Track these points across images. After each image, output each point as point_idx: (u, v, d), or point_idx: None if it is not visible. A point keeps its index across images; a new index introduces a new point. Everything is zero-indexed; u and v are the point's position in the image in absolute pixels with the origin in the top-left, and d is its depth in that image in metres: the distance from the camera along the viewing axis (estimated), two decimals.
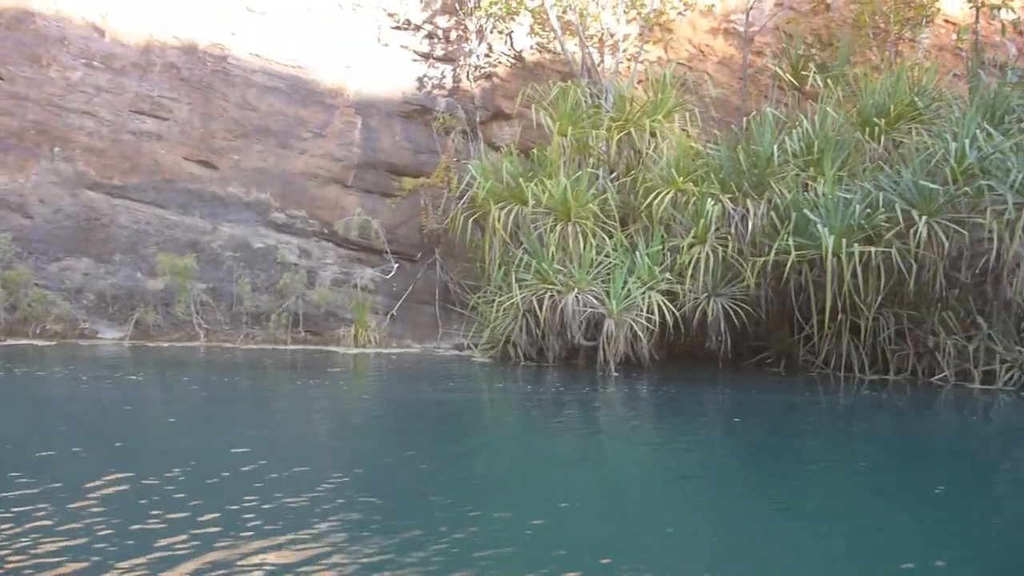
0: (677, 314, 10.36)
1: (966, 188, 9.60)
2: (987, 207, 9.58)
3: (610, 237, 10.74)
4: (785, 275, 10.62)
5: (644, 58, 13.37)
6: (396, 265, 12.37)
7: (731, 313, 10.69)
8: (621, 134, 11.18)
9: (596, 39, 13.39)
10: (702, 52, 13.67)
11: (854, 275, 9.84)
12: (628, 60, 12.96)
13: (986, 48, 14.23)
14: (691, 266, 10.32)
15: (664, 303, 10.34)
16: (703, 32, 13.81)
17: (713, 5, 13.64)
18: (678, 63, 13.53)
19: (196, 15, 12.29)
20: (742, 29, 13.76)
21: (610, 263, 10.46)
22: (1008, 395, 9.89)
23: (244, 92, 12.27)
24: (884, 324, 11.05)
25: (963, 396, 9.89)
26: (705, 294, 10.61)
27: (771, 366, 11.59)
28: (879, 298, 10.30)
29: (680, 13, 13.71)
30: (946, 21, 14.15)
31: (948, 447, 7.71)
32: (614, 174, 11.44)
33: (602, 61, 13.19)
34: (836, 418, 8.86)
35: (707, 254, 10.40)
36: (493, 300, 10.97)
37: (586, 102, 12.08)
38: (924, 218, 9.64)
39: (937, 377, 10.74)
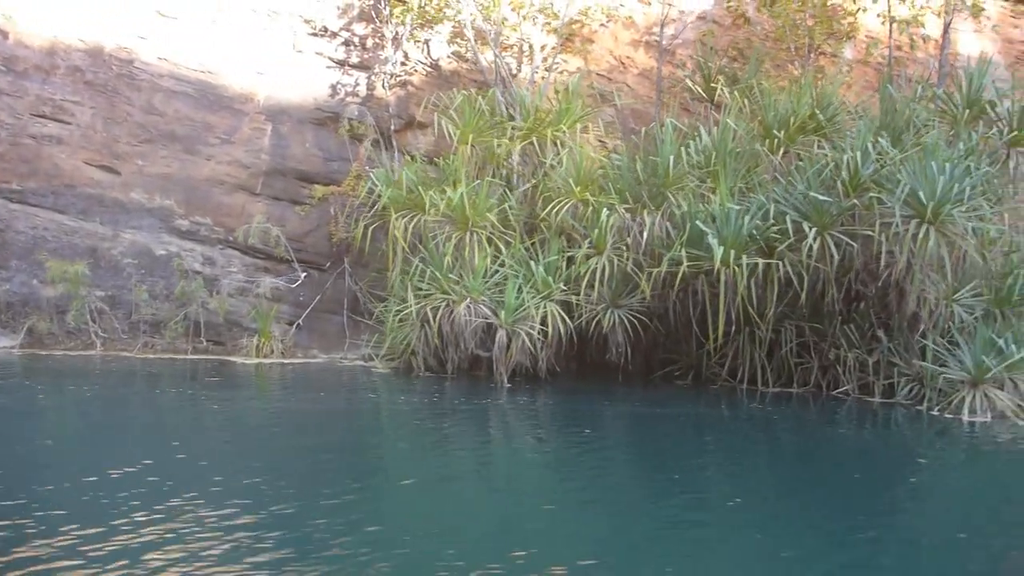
0: (571, 325, 10.24)
1: (854, 200, 9.54)
2: (876, 220, 9.53)
3: (508, 247, 10.60)
4: (686, 287, 10.53)
5: (563, 68, 13.31)
6: (304, 274, 12.17)
7: (631, 325, 10.58)
8: (523, 143, 11.07)
9: (517, 49, 13.33)
10: (623, 64, 13.62)
11: (751, 287, 9.76)
12: (545, 70, 12.87)
13: (908, 64, 14.29)
14: (586, 276, 10.20)
15: (559, 313, 10.21)
16: (624, 44, 13.76)
17: (630, 17, 13.60)
18: (598, 74, 13.49)
19: (104, 18, 12.10)
20: (664, 42, 13.73)
21: (506, 273, 10.33)
22: (905, 408, 9.79)
23: (150, 96, 12.08)
24: (788, 337, 10.98)
25: (858, 409, 9.80)
26: (603, 305, 10.48)
27: (679, 379, 11.48)
28: (774, 310, 10.22)
29: (603, 24, 13.67)
30: (868, 36, 14.18)
31: (804, 458, 7.59)
32: (517, 184, 11.32)
33: (519, 71, 13.11)
34: (704, 430, 8.72)
35: (604, 265, 10.28)
36: (394, 310, 10.81)
37: (500, 111, 12.00)
38: (814, 230, 9.57)
39: (839, 390, 10.67)
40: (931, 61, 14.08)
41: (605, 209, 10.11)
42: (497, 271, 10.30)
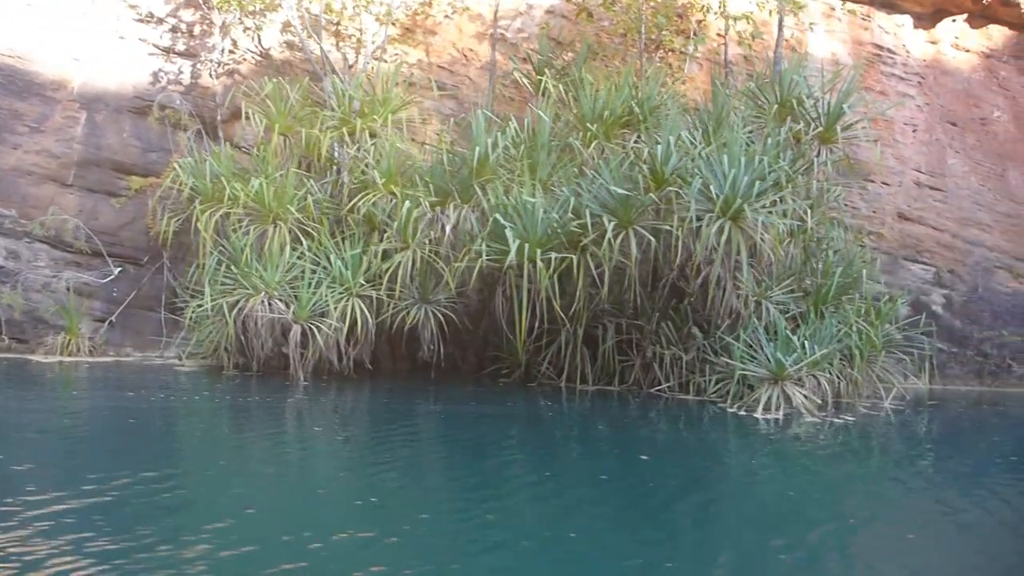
0: (372, 321, 9.92)
1: (652, 195, 9.40)
2: (675, 213, 9.41)
3: (311, 240, 10.23)
4: (494, 283, 10.31)
5: (402, 60, 12.99)
6: (119, 269, 11.63)
7: (449, 322, 10.32)
8: (333, 134, 10.71)
9: (355, 39, 12.97)
10: (465, 57, 13.36)
11: (555, 283, 9.56)
12: (377, 61, 12.53)
13: (759, 62, 14.30)
14: (389, 271, 9.89)
15: (362, 309, 9.88)
16: (469, 37, 13.50)
17: (467, 8, 13.35)
18: (439, 66, 13.21)
19: None
20: (509, 35, 13.52)
21: (304, 267, 9.96)
22: (714, 406, 9.68)
23: None
24: (610, 334, 10.82)
25: (667, 407, 9.68)
26: (409, 300, 10.19)
27: (506, 377, 11.26)
28: (586, 308, 10.06)
29: (447, 16, 13.41)
30: (718, 35, 14.16)
31: (586, 454, 7.38)
32: (333, 176, 10.96)
33: (356, 61, 12.76)
34: (504, 428, 8.41)
35: (410, 259, 9.98)
36: (192, 305, 10.35)
37: (330, 103, 11.62)
38: (613, 224, 9.40)
39: (658, 388, 10.54)
40: (781, 60, 14.12)
41: (407, 202, 9.80)
42: (295, 265, 9.91)
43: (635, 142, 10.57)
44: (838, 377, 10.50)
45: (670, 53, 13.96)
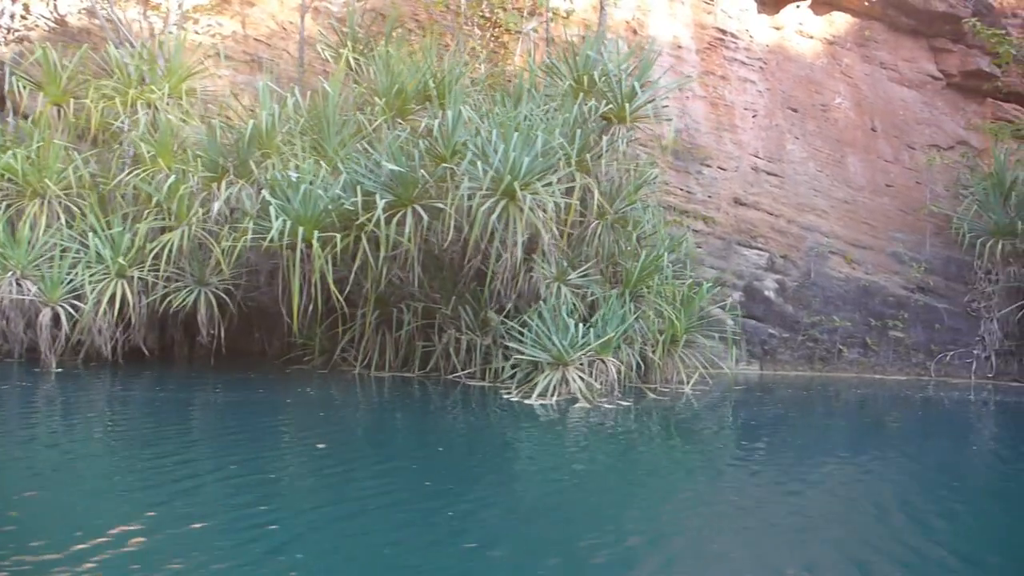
0: (138, 304, 9.34)
1: (423, 172, 9.01)
2: (449, 192, 9.05)
3: (75, 217, 9.60)
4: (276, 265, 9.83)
5: (216, 32, 12.36)
6: None
7: (245, 305, 9.84)
8: (106, 105, 10.06)
9: (164, 8, 12.28)
10: (284, 29, 12.78)
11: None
12: (183, 30, 11.87)
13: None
14: (154, 252, 9.32)
15: (127, 291, 9.29)
16: (290, 9, 12.93)
17: None
18: (255, 39, 12.62)
19: None
20: (335, 8, 12.98)
21: (68, 246, 9.33)
22: (501, 393, 9.36)
23: None
24: (407, 319, 10.45)
25: (462, 393, 9.38)
26: (184, 282, 9.64)
27: (309, 363, 10.84)
28: (373, 290, 9.67)
29: None
30: (555, 13, 13.82)
31: (341, 440, 6.85)
32: (98, 148, 10.28)
33: (164, 31, 12.08)
34: (259, 415, 7.84)
35: (180, 238, 9.41)
36: None
37: (127, 72, 10.92)
38: (384, 202, 8.98)
39: (456, 375, 10.21)
40: (618, 41, 13.87)
41: (173, 176, 9.23)
42: (48, 243, 9.26)
43: (430, 119, 10.16)
44: (639, 361, 10.33)
45: (506, 32, 13.61)
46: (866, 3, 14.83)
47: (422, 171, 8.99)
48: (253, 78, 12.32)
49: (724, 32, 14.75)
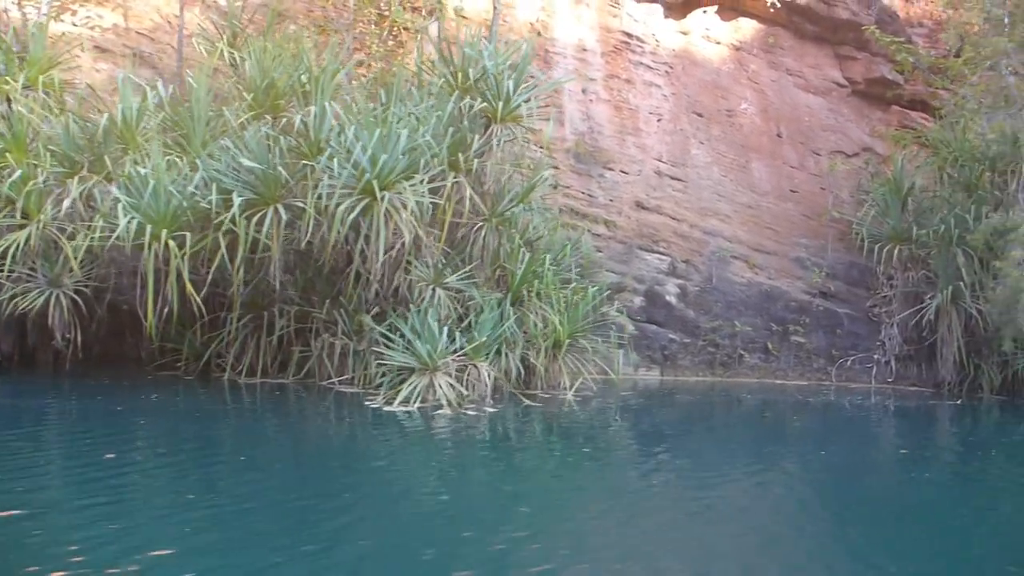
0: None
1: (280, 170, 8.68)
2: (310, 191, 8.73)
3: None
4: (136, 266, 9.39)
5: (95, 24, 11.89)
6: None
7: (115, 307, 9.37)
8: None
9: None
10: (169, 23, 12.35)
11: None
12: (55, 22, 11.38)
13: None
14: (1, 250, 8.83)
15: None
16: (175, 2, 12.49)
17: None
18: (138, 32, 12.17)
19: None
20: (223, 2, 12.57)
21: None
22: (371, 397, 9.03)
23: None
24: (279, 323, 10.09)
25: (333, 399, 9.04)
26: (35, 283, 9.16)
27: (180, 369, 10.39)
28: (238, 292, 9.28)
29: None
30: (456, 13, 13.59)
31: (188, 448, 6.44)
32: None
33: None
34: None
35: (28, 237, 8.94)
36: None
37: None
38: (240, 200, 8.63)
39: (330, 381, 9.87)
40: (523, 43, 13.68)
41: (20, 171, 8.77)
42: None
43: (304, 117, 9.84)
44: (519, 367, 10.09)
45: (404, 31, 13.35)
46: (772, 10, 14.85)
47: (281, 169, 8.64)
48: (134, 73, 11.86)
49: (630, 36, 14.65)
